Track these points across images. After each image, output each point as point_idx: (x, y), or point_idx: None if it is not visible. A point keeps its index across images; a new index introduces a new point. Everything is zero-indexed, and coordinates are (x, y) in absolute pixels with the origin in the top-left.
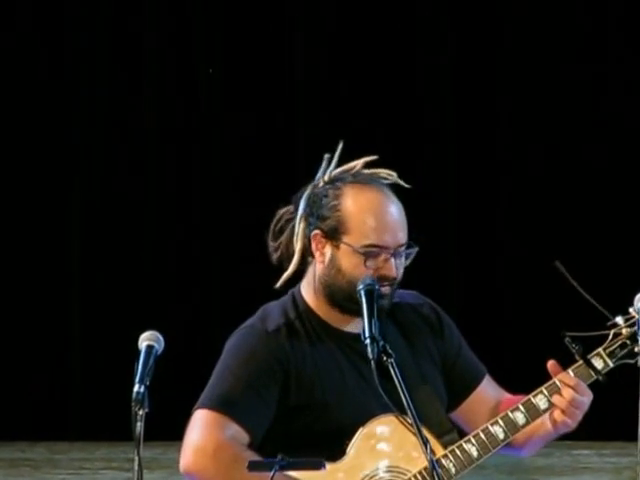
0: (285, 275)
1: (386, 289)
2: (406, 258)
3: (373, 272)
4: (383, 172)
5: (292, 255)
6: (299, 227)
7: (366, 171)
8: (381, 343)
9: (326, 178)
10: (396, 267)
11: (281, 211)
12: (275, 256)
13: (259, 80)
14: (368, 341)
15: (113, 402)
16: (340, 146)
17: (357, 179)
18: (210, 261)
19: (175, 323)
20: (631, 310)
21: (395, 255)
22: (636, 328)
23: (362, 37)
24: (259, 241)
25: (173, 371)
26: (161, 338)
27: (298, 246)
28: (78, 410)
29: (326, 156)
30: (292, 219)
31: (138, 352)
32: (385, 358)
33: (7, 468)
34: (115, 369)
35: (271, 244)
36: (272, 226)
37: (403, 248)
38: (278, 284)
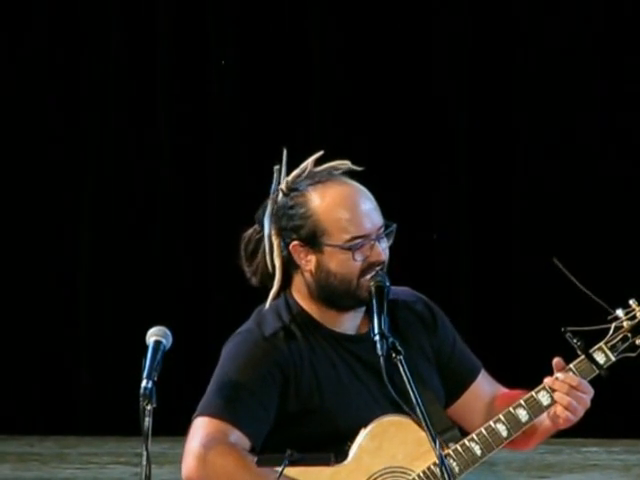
0: (272, 294)
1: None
2: (387, 238)
3: (362, 263)
4: (336, 163)
5: (272, 273)
6: (274, 244)
7: (319, 168)
8: (390, 340)
9: (284, 189)
10: (382, 250)
11: (247, 233)
12: (255, 279)
13: (273, 73)
14: (377, 337)
15: (121, 397)
16: (285, 155)
17: (315, 179)
18: (219, 257)
19: (183, 318)
20: (631, 302)
21: (378, 239)
22: (637, 321)
23: (378, 34)
24: None
25: (181, 367)
26: (169, 333)
27: (277, 262)
28: (86, 405)
29: (276, 167)
30: (261, 239)
31: (146, 347)
32: (394, 355)
33: (16, 462)
34: (123, 364)
35: (247, 269)
36: (243, 250)
37: (382, 230)
38: (267, 305)
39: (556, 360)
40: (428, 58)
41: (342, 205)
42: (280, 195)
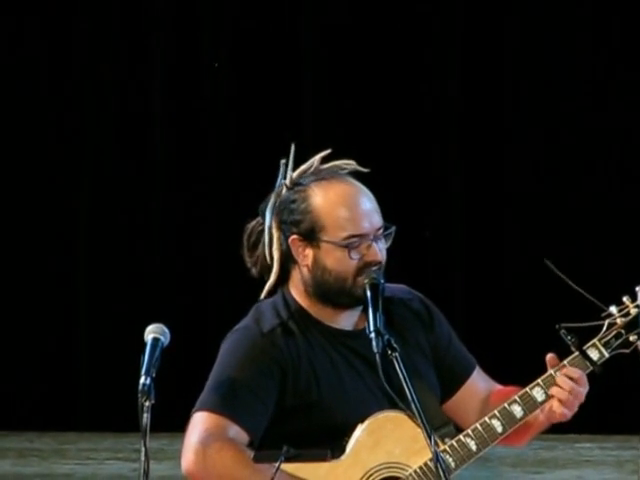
0: (267, 286)
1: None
2: (386, 239)
3: (358, 261)
4: (341, 162)
5: (271, 266)
6: (274, 237)
7: (325, 166)
8: (386, 337)
9: (288, 183)
10: (380, 251)
11: (251, 224)
12: (255, 270)
13: (266, 75)
14: (373, 335)
15: (120, 393)
16: (292, 150)
17: (319, 176)
18: (217, 254)
19: (181, 316)
20: (625, 299)
21: (376, 239)
22: (630, 317)
23: (372, 36)
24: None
25: (179, 363)
26: (167, 331)
27: (276, 255)
28: (85, 401)
29: (282, 161)
30: (263, 231)
31: (144, 344)
32: (390, 352)
33: (15, 458)
34: (122, 361)
35: (248, 259)
36: (245, 241)
37: (381, 231)
38: (262, 295)
39: (550, 356)
40: (422, 57)
41: (342, 203)
42: (284, 189)
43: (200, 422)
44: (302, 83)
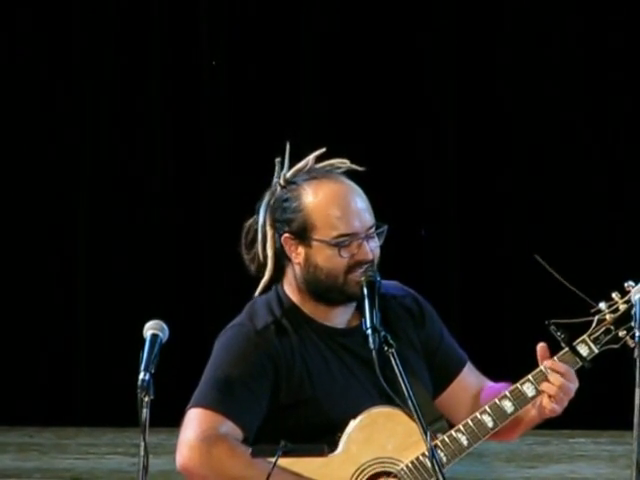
0: (262, 283)
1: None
2: (378, 237)
3: (349, 260)
4: (336, 161)
5: (265, 263)
6: (267, 234)
7: (319, 165)
8: (382, 333)
9: (282, 182)
10: (371, 250)
11: (248, 222)
12: (253, 267)
13: (264, 74)
14: (369, 331)
15: (119, 389)
16: (288, 148)
17: (311, 175)
18: (215, 250)
19: (179, 312)
20: (614, 295)
21: (367, 238)
22: (620, 313)
23: (370, 35)
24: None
25: (178, 359)
26: (165, 327)
27: (270, 253)
28: (85, 396)
29: (277, 160)
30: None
31: (143, 340)
32: (386, 348)
33: (15, 452)
34: (121, 357)
35: (246, 256)
36: (243, 239)
37: (373, 230)
38: (257, 292)
39: (540, 345)
40: (417, 56)
41: (333, 202)
42: (278, 187)
43: (194, 419)
44: (300, 81)
